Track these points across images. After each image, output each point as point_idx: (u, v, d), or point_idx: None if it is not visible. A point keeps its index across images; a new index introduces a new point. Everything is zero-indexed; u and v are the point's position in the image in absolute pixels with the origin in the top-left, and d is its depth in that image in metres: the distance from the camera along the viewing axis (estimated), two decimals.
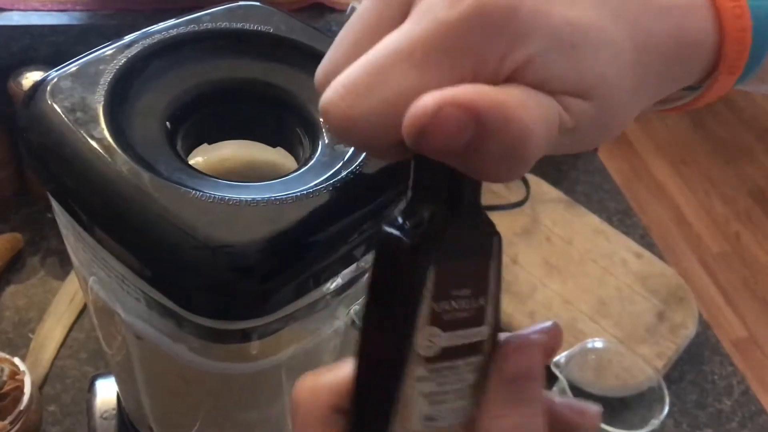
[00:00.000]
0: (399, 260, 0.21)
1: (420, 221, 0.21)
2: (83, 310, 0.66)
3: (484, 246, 0.22)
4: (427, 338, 0.22)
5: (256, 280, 0.27)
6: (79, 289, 0.67)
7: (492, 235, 0.22)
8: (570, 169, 0.90)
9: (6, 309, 0.65)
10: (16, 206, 0.72)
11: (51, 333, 0.64)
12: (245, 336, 0.30)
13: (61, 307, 0.65)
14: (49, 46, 0.69)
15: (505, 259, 0.74)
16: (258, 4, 0.36)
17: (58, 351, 0.63)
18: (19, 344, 0.63)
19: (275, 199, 0.28)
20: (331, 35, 0.36)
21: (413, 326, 0.21)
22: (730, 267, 1.80)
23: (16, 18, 0.68)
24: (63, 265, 0.69)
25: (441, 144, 0.19)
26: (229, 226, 0.27)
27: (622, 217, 0.85)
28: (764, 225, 1.92)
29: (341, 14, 0.77)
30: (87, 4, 0.71)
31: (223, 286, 0.27)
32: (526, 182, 0.81)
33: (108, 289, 0.32)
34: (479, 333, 0.22)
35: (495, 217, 0.77)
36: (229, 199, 0.27)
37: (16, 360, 0.52)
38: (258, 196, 0.28)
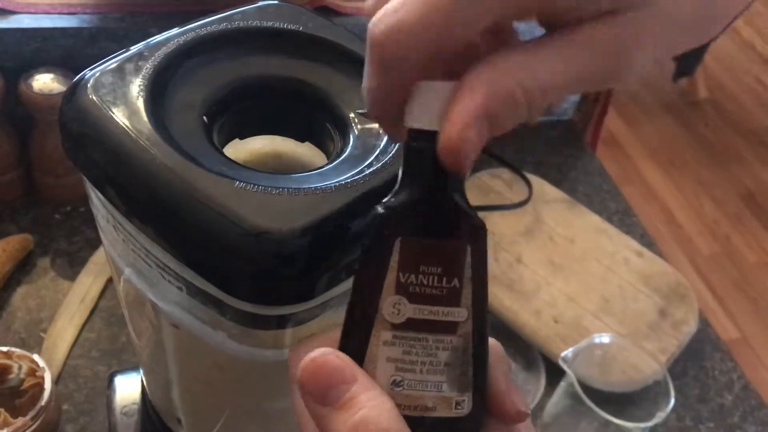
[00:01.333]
0: (373, 231, 0.24)
1: (395, 200, 0.24)
2: (94, 309, 0.67)
3: (460, 231, 0.24)
4: (392, 305, 0.24)
5: (298, 266, 0.28)
6: (90, 290, 0.67)
7: (471, 224, 0.24)
8: (570, 170, 0.92)
9: (18, 309, 0.66)
10: (26, 208, 0.73)
11: (63, 333, 0.64)
12: (282, 322, 0.31)
13: (72, 307, 0.66)
14: (60, 49, 0.70)
15: (510, 258, 0.75)
16: (285, 4, 0.37)
17: (70, 350, 0.63)
18: (31, 344, 0.63)
19: (315, 189, 0.29)
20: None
21: (379, 291, 0.24)
22: (721, 268, 1.82)
23: (26, 21, 0.69)
24: (72, 266, 0.70)
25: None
26: (272, 214, 0.28)
27: (622, 216, 0.87)
28: (754, 227, 1.95)
29: (346, 18, 0.78)
30: (96, 7, 0.72)
31: (266, 271, 0.28)
32: (528, 183, 0.83)
33: (144, 280, 0.33)
34: (452, 313, 0.24)
35: (499, 217, 0.78)
36: (271, 189, 0.28)
37: (35, 356, 0.52)
38: (298, 186, 0.29)
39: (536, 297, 0.73)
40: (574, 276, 0.75)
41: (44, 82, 0.66)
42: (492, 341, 0.26)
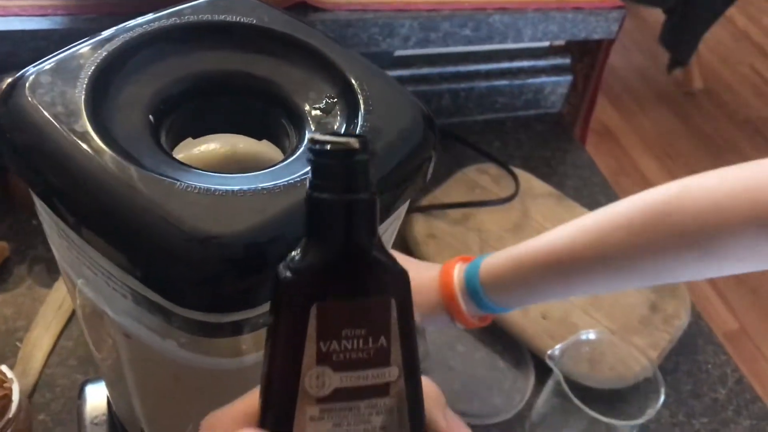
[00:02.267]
0: (283, 299, 0.21)
1: (304, 261, 0.21)
2: (71, 317, 0.66)
3: (381, 286, 0.22)
4: (315, 377, 0.22)
5: (245, 270, 0.27)
6: (67, 297, 0.66)
7: (393, 275, 0.22)
8: (559, 164, 0.90)
9: None
10: (2, 215, 0.72)
11: (39, 341, 0.63)
12: (236, 329, 0.30)
13: (48, 315, 0.65)
14: (31, 52, 0.68)
15: None
16: None
17: (47, 359, 0.62)
18: (7, 353, 0.62)
19: (262, 189, 0.27)
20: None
21: (298, 364, 0.21)
22: None
23: None
24: (50, 273, 0.68)
25: None
26: (217, 217, 0.26)
27: None
28: None
29: (324, 13, 0.77)
30: (68, 8, 0.70)
31: (212, 277, 0.26)
32: (515, 177, 0.81)
33: (96, 290, 0.32)
34: (382, 374, 0.22)
35: (485, 213, 0.77)
36: (215, 190, 0.27)
37: (4, 368, 0.51)
38: (245, 187, 0.28)
39: None
40: None
41: None
42: (423, 380, 0.23)
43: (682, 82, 2.28)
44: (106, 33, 0.32)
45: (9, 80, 0.63)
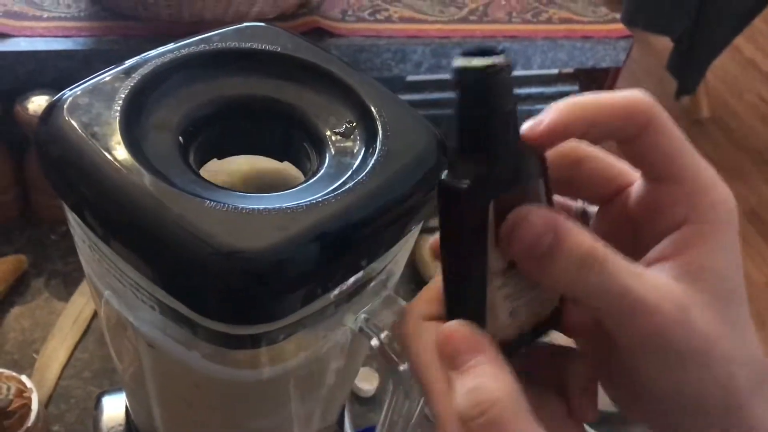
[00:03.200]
0: (466, 203, 0.26)
1: (474, 170, 0.26)
2: (87, 330, 0.67)
3: (529, 169, 0.27)
4: (497, 258, 0.27)
5: (267, 285, 0.28)
6: (83, 311, 0.68)
7: (533, 158, 0.27)
8: None
9: (11, 330, 0.66)
10: (21, 228, 0.73)
11: (55, 353, 0.64)
12: (255, 342, 0.31)
13: (65, 328, 0.66)
14: (55, 71, 0.71)
15: None
16: (264, 24, 0.38)
17: (62, 371, 0.64)
18: (23, 365, 0.63)
19: (286, 208, 0.29)
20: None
21: (484, 252, 0.26)
22: None
23: (22, 44, 0.69)
24: (66, 286, 0.70)
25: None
26: (242, 233, 0.28)
27: None
28: (758, 245, 1.94)
29: (339, 38, 0.79)
30: (91, 29, 0.73)
31: (236, 290, 0.28)
32: None
33: (123, 301, 0.33)
34: None
35: None
36: (242, 209, 0.28)
37: (24, 378, 0.52)
38: (269, 206, 0.29)
39: None
40: None
41: (39, 104, 0.67)
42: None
43: (690, 110, 2.30)
44: (139, 58, 0.34)
45: (33, 99, 0.65)
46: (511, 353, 0.27)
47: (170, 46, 0.34)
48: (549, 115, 0.28)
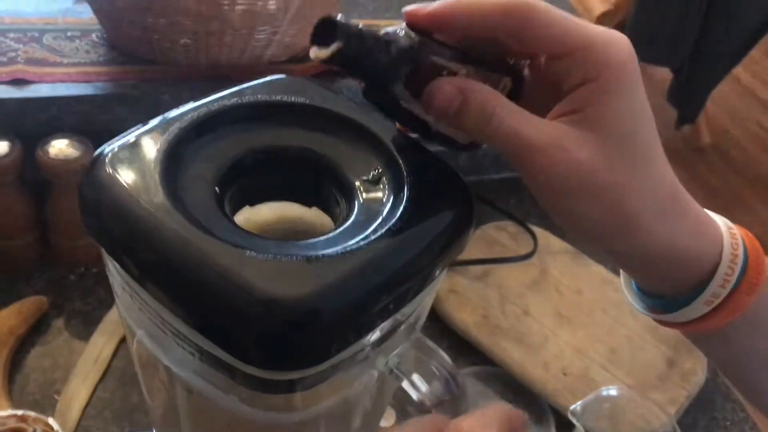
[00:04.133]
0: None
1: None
2: (107, 369, 0.68)
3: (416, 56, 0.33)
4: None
5: (306, 332, 0.29)
6: (103, 350, 0.68)
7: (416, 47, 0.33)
8: None
9: (32, 371, 0.66)
10: (40, 270, 0.75)
11: (76, 393, 0.65)
12: (291, 386, 0.32)
13: (85, 368, 0.67)
14: (75, 115, 0.72)
15: (517, 310, 0.76)
16: (292, 77, 0.39)
17: (84, 411, 0.64)
18: (45, 406, 0.64)
19: (321, 256, 0.30)
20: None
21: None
22: None
23: (44, 90, 0.71)
24: (86, 326, 0.71)
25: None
26: (281, 282, 0.29)
27: None
28: None
29: (350, 79, 0.81)
30: (110, 74, 0.75)
31: (276, 338, 0.29)
32: (533, 235, 0.84)
33: (158, 344, 0.34)
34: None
35: (505, 269, 0.80)
36: (280, 257, 0.29)
37: (50, 420, 0.53)
38: (305, 253, 0.30)
39: (544, 349, 0.73)
40: (581, 327, 0.76)
41: (60, 148, 0.68)
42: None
43: (691, 138, 2.32)
44: (174, 112, 0.35)
45: (54, 144, 0.67)
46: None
47: (204, 100, 0.36)
48: (434, 4, 0.32)
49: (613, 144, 0.32)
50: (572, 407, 0.61)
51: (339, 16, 0.31)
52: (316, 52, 0.32)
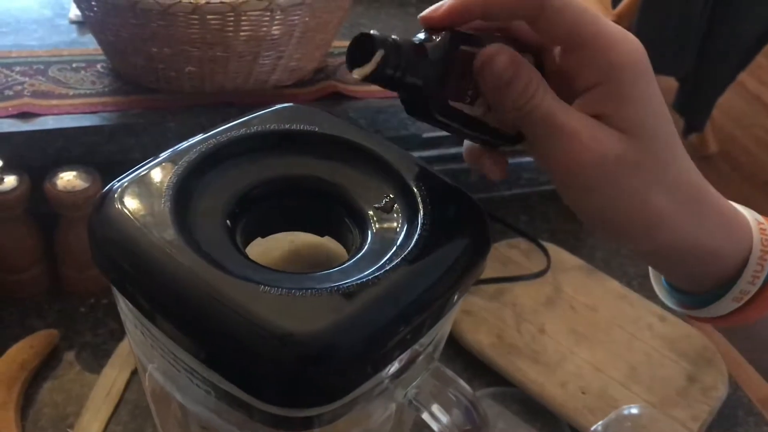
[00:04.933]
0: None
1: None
2: (120, 402, 0.67)
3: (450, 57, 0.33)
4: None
5: (323, 368, 0.28)
6: (115, 382, 0.68)
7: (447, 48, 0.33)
8: (587, 237, 0.92)
9: (44, 405, 0.66)
10: (50, 302, 0.74)
11: (89, 427, 0.64)
12: (309, 423, 0.31)
13: (98, 401, 0.66)
14: (82, 147, 0.72)
15: (533, 329, 0.75)
16: (300, 105, 0.39)
17: None
18: None
19: (337, 289, 0.29)
20: (354, 123, 0.38)
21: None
22: None
23: (50, 122, 0.71)
24: (97, 358, 0.70)
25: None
26: (296, 316, 0.28)
27: (642, 280, 0.86)
28: None
29: (357, 101, 0.81)
30: (116, 104, 0.75)
31: (292, 375, 0.28)
32: (545, 252, 0.83)
33: (172, 381, 0.34)
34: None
35: (519, 288, 0.79)
36: (295, 291, 0.29)
37: None
38: (319, 286, 0.30)
39: (561, 368, 0.72)
40: (598, 345, 0.75)
41: (68, 179, 0.68)
42: None
43: (698, 146, 2.31)
44: (182, 145, 0.35)
45: (62, 176, 0.66)
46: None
47: (213, 131, 0.35)
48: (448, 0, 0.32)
49: (638, 144, 0.32)
50: (593, 427, 0.60)
51: (373, 31, 0.31)
52: (358, 72, 0.31)
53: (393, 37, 0.31)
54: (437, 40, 0.32)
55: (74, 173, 0.69)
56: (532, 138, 0.33)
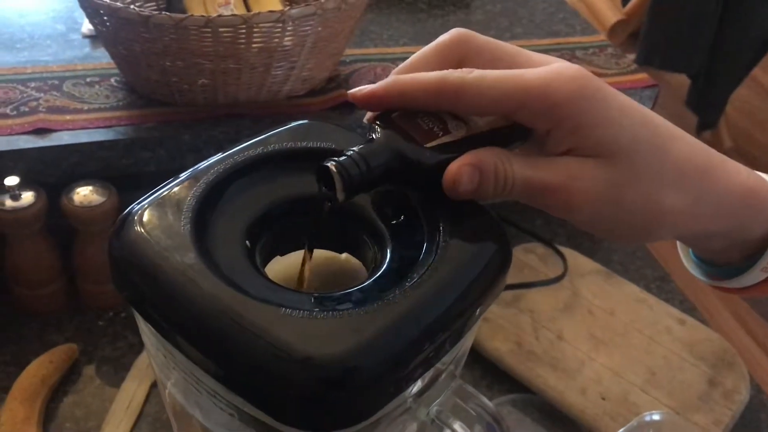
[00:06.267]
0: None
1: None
2: (139, 416, 0.67)
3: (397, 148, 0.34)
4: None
5: (345, 391, 0.28)
6: (135, 396, 0.68)
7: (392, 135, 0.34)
8: (603, 240, 0.91)
9: (66, 420, 0.66)
10: (69, 317, 0.74)
11: None
12: None
13: (118, 415, 0.66)
14: (97, 161, 0.72)
15: (551, 335, 0.74)
16: (315, 122, 0.39)
17: None
18: None
19: (358, 309, 0.29)
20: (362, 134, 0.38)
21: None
22: None
23: (65, 138, 0.71)
24: (117, 372, 0.71)
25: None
26: (317, 339, 0.28)
27: (660, 283, 0.86)
28: None
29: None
30: (130, 118, 0.75)
31: (314, 398, 0.28)
32: (562, 256, 0.83)
33: (194, 402, 0.34)
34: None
35: (536, 293, 0.78)
36: (315, 313, 0.29)
37: None
38: (340, 307, 0.30)
39: (581, 374, 0.72)
40: (617, 349, 0.74)
41: (84, 194, 0.68)
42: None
43: (712, 142, 2.29)
44: (200, 166, 0.35)
45: (78, 191, 0.67)
46: None
47: (230, 150, 0.35)
48: (370, 86, 0.34)
49: (620, 161, 0.32)
50: None
51: (329, 163, 0.32)
52: (338, 202, 0.33)
53: (341, 157, 0.32)
54: (376, 133, 0.33)
55: (90, 188, 0.69)
56: (525, 201, 0.34)
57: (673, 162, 0.33)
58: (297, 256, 0.37)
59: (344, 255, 0.37)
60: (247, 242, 0.33)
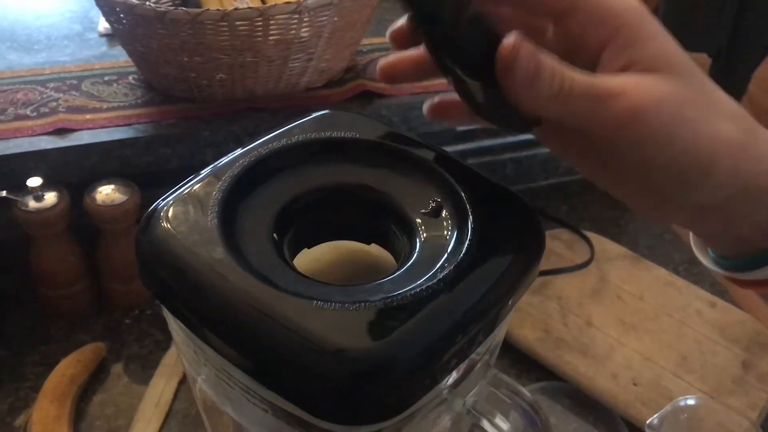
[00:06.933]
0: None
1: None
2: (169, 412, 0.67)
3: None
4: None
5: (380, 384, 0.28)
6: (164, 393, 0.68)
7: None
8: (629, 222, 0.90)
9: (95, 419, 0.66)
10: (95, 316, 0.75)
11: None
12: None
13: (147, 413, 0.66)
14: (118, 159, 0.72)
15: (579, 321, 0.73)
16: (338, 112, 0.38)
17: None
18: None
19: (390, 301, 0.29)
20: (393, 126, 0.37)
21: None
22: None
23: (86, 137, 0.71)
24: (145, 369, 0.71)
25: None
26: (350, 331, 0.28)
27: (688, 266, 0.84)
28: None
29: (389, 98, 0.80)
30: (149, 116, 0.75)
31: (348, 392, 0.28)
32: (589, 242, 0.81)
33: (227, 398, 0.33)
34: None
35: (563, 279, 0.77)
36: (347, 305, 0.28)
37: None
38: (372, 299, 0.29)
39: (611, 360, 0.71)
40: (647, 334, 0.73)
41: (106, 193, 0.68)
42: None
43: None
44: (224, 159, 0.34)
45: (100, 189, 0.67)
46: None
47: (254, 143, 0.35)
48: None
49: (681, 77, 0.30)
50: (649, 420, 0.58)
51: None
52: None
53: None
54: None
55: (112, 186, 0.69)
56: (574, 118, 0.30)
57: (724, 97, 0.31)
58: (324, 248, 0.36)
59: (372, 246, 0.36)
60: (274, 235, 0.32)
